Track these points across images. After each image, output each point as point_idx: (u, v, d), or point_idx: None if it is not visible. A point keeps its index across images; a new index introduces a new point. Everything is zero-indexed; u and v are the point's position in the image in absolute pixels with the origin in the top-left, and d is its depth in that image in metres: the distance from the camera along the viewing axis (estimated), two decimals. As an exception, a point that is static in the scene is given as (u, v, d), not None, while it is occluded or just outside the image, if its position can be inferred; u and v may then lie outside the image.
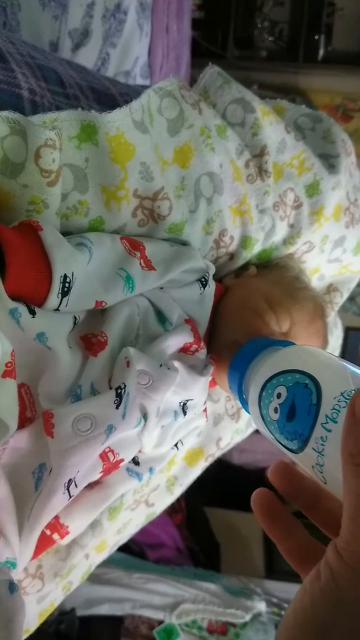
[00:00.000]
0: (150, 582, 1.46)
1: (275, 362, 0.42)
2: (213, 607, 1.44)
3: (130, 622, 1.43)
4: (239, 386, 0.50)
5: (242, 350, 0.51)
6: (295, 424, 0.37)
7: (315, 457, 0.35)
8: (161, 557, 1.65)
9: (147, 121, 0.54)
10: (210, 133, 0.59)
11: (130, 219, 0.55)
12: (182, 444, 0.64)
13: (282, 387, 0.39)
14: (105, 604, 1.39)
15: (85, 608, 1.37)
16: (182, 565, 1.65)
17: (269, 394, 0.40)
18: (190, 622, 1.43)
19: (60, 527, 0.53)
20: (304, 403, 0.37)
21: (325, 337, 0.67)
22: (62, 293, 0.46)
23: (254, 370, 0.47)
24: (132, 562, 1.54)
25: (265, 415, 0.41)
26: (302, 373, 0.38)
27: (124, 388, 0.49)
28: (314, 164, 0.68)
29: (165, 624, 1.41)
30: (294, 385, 0.38)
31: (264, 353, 0.48)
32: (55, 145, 0.46)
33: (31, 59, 0.54)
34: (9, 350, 0.43)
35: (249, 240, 0.66)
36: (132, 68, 1.28)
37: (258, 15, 2.22)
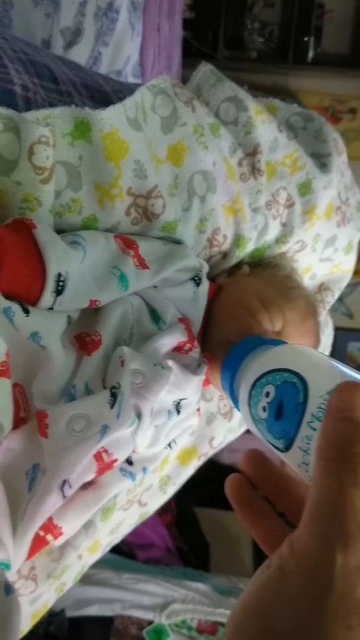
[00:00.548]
0: (139, 582, 1.46)
1: (265, 361, 0.42)
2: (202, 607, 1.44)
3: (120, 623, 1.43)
4: (231, 385, 0.50)
5: (234, 349, 0.51)
6: (283, 422, 0.37)
7: (301, 456, 0.35)
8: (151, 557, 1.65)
9: (141, 119, 0.53)
10: (204, 131, 0.59)
11: (124, 217, 0.55)
12: (176, 444, 0.64)
13: (271, 385, 0.39)
14: (95, 605, 1.39)
15: (75, 609, 1.37)
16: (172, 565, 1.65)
17: (258, 392, 0.40)
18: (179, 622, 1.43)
19: (54, 528, 0.52)
20: (291, 402, 0.37)
21: (318, 336, 0.67)
22: (56, 292, 0.46)
23: (244, 369, 0.47)
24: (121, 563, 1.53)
25: (254, 414, 0.41)
26: (291, 372, 0.38)
27: (119, 388, 0.48)
28: (306, 163, 0.68)
29: (154, 624, 1.40)
30: (282, 384, 0.38)
31: (255, 352, 0.48)
32: (49, 142, 0.46)
33: (24, 55, 0.53)
34: (3, 350, 0.42)
35: (242, 239, 0.66)
36: (124, 67, 1.27)
37: (248, 16, 2.23)
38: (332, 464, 0.28)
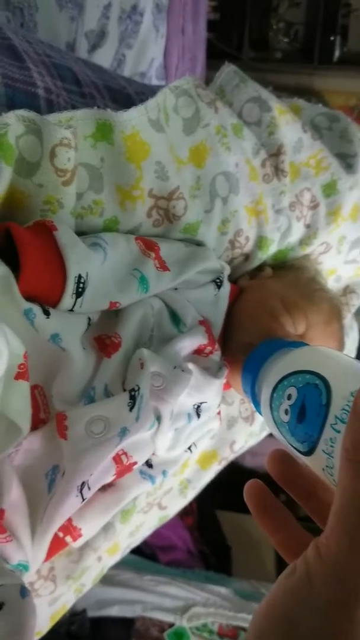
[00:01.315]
0: (161, 584, 1.45)
1: (287, 363, 0.42)
2: (224, 611, 1.43)
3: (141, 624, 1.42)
4: (252, 388, 0.49)
5: (255, 352, 0.50)
6: (305, 425, 0.36)
7: (325, 460, 0.34)
8: (172, 560, 1.65)
9: (163, 120, 0.53)
10: (226, 132, 0.58)
11: (145, 219, 0.55)
12: (196, 447, 0.63)
13: (293, 388, 0.38)
14: (116, 606, 1.39)
15: (96, 609, 1.37)
16: (193, 568, 1.64)
17: (280, 395, 0.39)
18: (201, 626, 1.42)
19: (73, 530, 0.52)
20: (314, 404, 0.36)
21: (342, 340, 0.66)
22: (76, 293, 0.46)
23: (266, 372, 0.46)
24: (143, 564, 1.53)
25: (276, 417, 0.40)
26: (313, 374, 0.37)
27: (138, 390, 0.48)
28: (331, 163, 0.67)
29: (175, 626, 1.39)
30: (304, 386, 0.37)
31: (277, 355, 0.47)
32: (71, 144, 0.46)
33: (47, 58, 0.54)
34: (21, 352, 0.42)
35: (265, 241, 0.65)
36: (148, 69, 1.28)
37: (273, 16, 2.21)
38: (359, 466, 0.27)
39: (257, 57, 2.21)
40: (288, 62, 2.25)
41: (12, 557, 0.45)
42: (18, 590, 0.38)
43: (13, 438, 0.42)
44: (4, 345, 0.30)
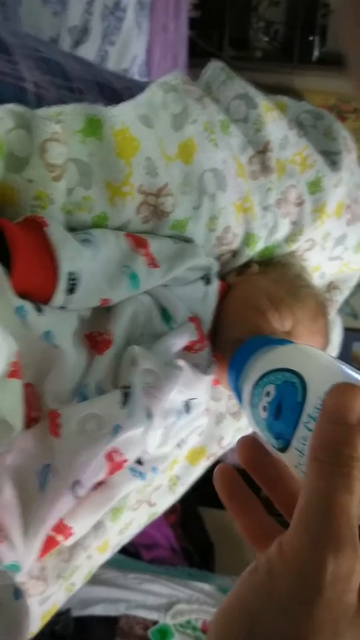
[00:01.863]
0: (144, 582, 1.45)
1: (268, 361, 0.42)
2: (207, 607, 1.43)
3: (125, 623, 1.42)
4: (236, 385, 0.49)
5: (240, 349, 0.50)
6: (281, 422, 0.36)
7: (297, 457, 0.35)
8: (155, 557, 1.65)
9: (152, 116, 0.53)
10: (214, 129, 0.59)
11: (134, 216, 0.55)
12: (185, 443, 0.63)
13: (272, 385, 0.39)
14: (100, 605, 1.38)
15: (80, 608, 1.36)
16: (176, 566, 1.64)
17: (260, 392, 0.40)
18: (184, 623, 1.42)
19: (64, 529, 0.52)
20: (290, 402, 0.36)
21: (328, 335, 0.67)
22: (68, 290, 0.46)
23: (248, 369, 0.46)
24: (126, 563, 1.53)
25: (255, 414, 0.40)
26: (292, 372, 0.38)
27: (130, 387, 0.48)
28: (316, 160, 0.68)
29: (159, 624, 1.40)
30: (282, 384, 0.38)
31: (260, 351, 0.47)
32: (61, 139, 0.45)
33: (35, 52, 0.53)
34: (13, 350, 0.42)
35: (252, 238, 0.65)
36: (130, 66, 1.27)
37: (253, 15, 2.22)
38: (324, 466, 0.27)
39: (238, 55, 2.22)
40: (268, 61, 2.27)
41: (3, 557, 0.44)
42: (12, 591, 0.38)
43: (5, 437, 0.42)
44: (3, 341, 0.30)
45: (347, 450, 0.27)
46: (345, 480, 0.27)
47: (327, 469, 0.27)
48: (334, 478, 0.27)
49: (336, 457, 0.27)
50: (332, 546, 0.26)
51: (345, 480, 0.27)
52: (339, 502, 0.27)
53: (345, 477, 0.27)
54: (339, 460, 0.27)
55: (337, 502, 0.27)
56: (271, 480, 0.37)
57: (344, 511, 0.26)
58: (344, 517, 0.26)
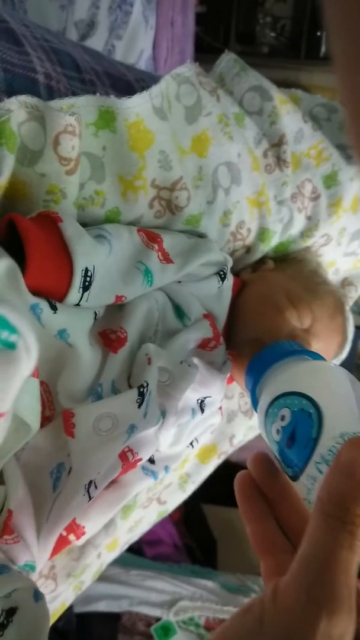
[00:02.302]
0: (147, 579, 1.45)
1: (287, 380, 0.41)
2: (210, 604, 1.43)
3: (128, 619, 1.42)
4: (253, 390, 0.48)
5: (262, 353, 0.49)
6: (293, 453, 0.36)
7: (305, 492, 0.34)
8: (158, 554, 1.64)
9: (166, 108, 0.52)
10: (229, 121, 0.57)
11: (147, 210, 0.54)
12: (197, 442, 0.62)
13: (287, 410, 0.38)
14: (103, 601, 1.38)
15: (83, 605, 1.36)
16: (180, 562, 1.64)
17: (275, 412, 0.39)
18: (187, 619, 1.42)
19: (77, 528, 0.51)
20: (304, 435, 0.35)
21: (346, 333, 0.66)
22: (83, 287, 0.44)
23: (268, 379, 0.45)
24: (129, 559, 1.53)
25: (268, 432, 0.40)
26: (309, 400, 0.37)
27: (147, 386, 0.47)
28: (332, 154, 0.66)
29: (162, 621, 1.39)
30: (298, 411, 0.37)
31: (282, 362, 0.46)
32: (75, 132, 0.44)
33: (46, 43, 0.52)
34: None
35: (267, 233, 0.64)
36: (137, 61, 1.26)
37: (260, 10, 2.20)
38: (331, 520, 0.27)
39: (244, 51, 2.20)
40: (275, 56, 2.25)
41: (18, 557, 0.43)
42: (31, 594, 0.37)
43: (23, 437, 0.41)
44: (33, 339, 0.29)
45: (355, 508, 0.27)
46: (349, 538, 0.26)
47: (332, 524, 0.27)
48: (338, 534, 0.27)
49: (343, 514, 0.27)
50: (327, 605, 0.25)
51: (349, 538, 0.26)
52: (341, 560, 0.26)
53: (349, 535, 0.26)
54: (345, 517, 0.27)
55: (339, 559, 0.26)
56: (279, 498, 0.37)
57: (344, 570, 0.26)
58: (343, 575, 0.26)
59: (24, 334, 0.29)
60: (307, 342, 0.57)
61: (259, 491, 0.37)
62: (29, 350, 0.30)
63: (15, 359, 0.30)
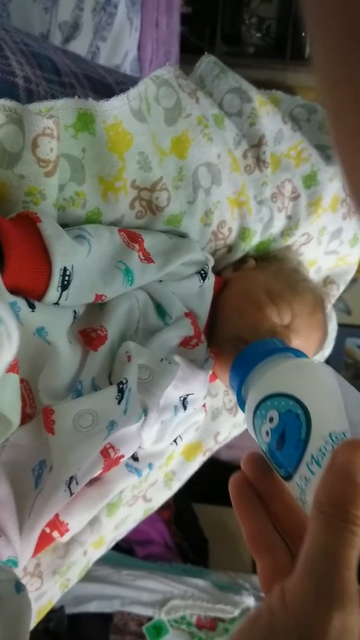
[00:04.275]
0: (139, 578, 1.46)
1: (272, 381, 0.41)
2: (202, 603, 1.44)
3: (120, 619, 1.42)
4: (239, 389, 0.49)
5: (246, 351, 0.49)
6: (284, 454, 0.37)
7: (299, 492, 0.35)
8: (150, 554, 1.65)
9: (145, 110, 0.53)
10: (208, 123, 0.58)
11: (128, 211, 0.54)
12: (181, 439, 0.63)
13: (275, 411, 0.38)
14: (94, 601, 1.39)
15: (74, 605, 1.36)
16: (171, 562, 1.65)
17: (263, 414, 0.39)
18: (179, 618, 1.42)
19: (60, 525, 0.52)
20: (293, 436, 0.36)
21: (326, 329, 0.67)
22: (62, 286, 0.45)
23: (253, 380, 0.45)
24: (120, 559, 1.53)
25: (257, 433, 0.40)
26: (297, 401, 0.37)
27: (126, 383, 0.48)
28: (311, 154, 0.68)
29: (154, 620, 1.40)
30: (286, 413, 0.37)
31: (268, 361, 0.46)
32: (53, 134, 0.45)
33: (25, 47, 0.52)
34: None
35: (248, 232, 0.65)
36: (122, 62, 1.26)
37: (246, 11, 2.21)
38: (331, 521, 0.28)
39: (230, 51, 2.21)
40: (260, 57, 2.26)
41: (1, 553, 0.44)
42: (13, 585, 0.38)
43: (3, 432, 0.42)
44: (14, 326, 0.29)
45: (354, 509, 0.28)
46: (351, 536, 0.27)
47: (333, 525, 0.28)
48: (340, 533, 0.28)
49: (343, 515, 0.28)
50: (337, 601, 0.26)
51: (351, 536, 0.27)
52: (345, 557, 0.27)
53: (351, 534, 0.27)
54: (346, 517, 0.28)
55: (344, 557, 0.27)
56: (271, 495, 0.38)
57: (349, 566, 0.27)
58: (349, 571, 0.27)
59: (5, 321, 0.30)
60: (287, 338, 0.58)
61: (253, 491, 0.38)
62: (10, 337, 0.30)
63: None
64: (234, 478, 0.38)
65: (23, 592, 0.38)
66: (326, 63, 0.19)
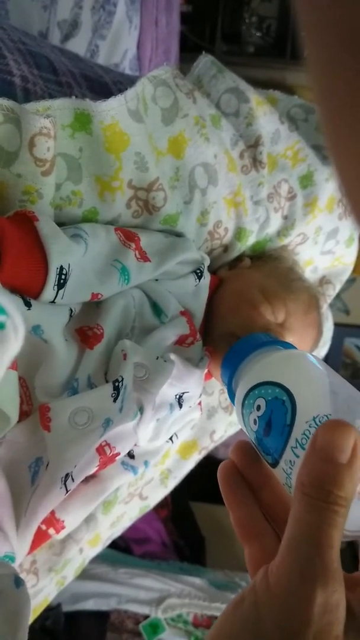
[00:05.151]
0: (135, 577, 1.46)
1: (259, 371, 0.42)
2: (198, 601, 1.44)
3: (116, 617, 1.43)
4: (229, 383, 0.49)
5: (235, 346, 0.50)
6: (270, 441, 0.37)
7: (285, 477, 0.36)
8: (147, 552, 1.65)
9: (142, 110, 0.53)
10: (205, 123, 0.59)
11: (125, 210, 0.55)
12: (177, 437, 0.64)
13: (262, 399, 0.39)
14: (91, 600, 1.39)
15: (71, 603, 1.37)
16: (168, 560, 1.65)
17: (251, 403, 0.40)
18: (176, 617, 1.43)
19: (56, 522, 0.52)
20: (279, 422, 0.36)
21: (320, 328, 0.67)
22: (58, 285, 0.46)
23: (243, 371, 0.46)
24: (117, 557, 1.53)
25: (246, 423, 0.41)
26: (282, 388, 0.38)
27: (122, 381, 0.48)
28: (308, 155, 0.68)
29: (151, 618, 1.40)
30: (272, 400, 0.38)
31: (255, 354, 0.47)
32: (50, 134, 0.45)
33: (23, 46, 0.53)
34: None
35: (244, 232, 0.65)
36: (121, 61, 1.27)
37: (246, 10, 2.21)
38: (313, 502, 0.28)
39: (230, 50, 2.21)
40: (260, 56, 2.26)
41: (-2, 549, 0.44)
42: (12, 580, 0.38)
43: (1, 428, 0.42)
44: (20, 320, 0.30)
45: (335, 489, 0.28)
46: (333, 516, 0.28)
47: (316, 505, 0.28)
48: (322, 514, 0.28)
49: (325, 495, 0.28)
50: (321, 579, 0.27)
51: (333, 516, 0.28)
52: (328, 537, 0.27)
53: (333, 514, 0.28)
54: (328, 498, 0.28)
55: (326, 536, 0.27)
56: (259, 483, 0.38)
57: (332, 545, 0.27)
58: (332, 550, 0.27)
59: (11, 314, 0.30)
60: (282, 336, 0.58)
61: (241, 479, 0.38)
62: (16, 330, 0.31)
63: (4, 338, 0.31)
64: (223, 466, 0.39)
65: (22, 587, 0.39)
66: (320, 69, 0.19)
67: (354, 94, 0.18)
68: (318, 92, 0.20)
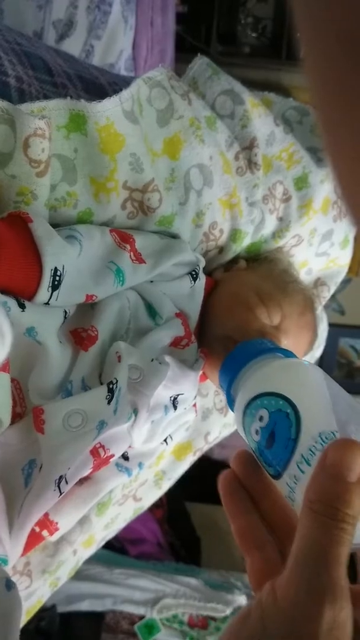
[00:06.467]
0: (131, 577, 1.46)
1: (262, 380, 0.42)
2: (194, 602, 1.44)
3: (111, 618, 1.43)
4: (228, 389, 0.49)
5: (235, 351, 0.49)
6: (273, 453, 0.37)
7: (288, 490, 0.36)
8: (142, 553, 1.65)
9: (137, 111, 0.53)
10: (200, 124, 0.59)
11: (120, 211, 0.55)
12: (172, 439, 0.63)
13: (265, 410, 0.39)
14: (86, 600, 1.39)
15: (66, 604, 1.36)
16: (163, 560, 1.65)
17: (253, 413, 0.40)
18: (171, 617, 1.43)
19: (50, 524, 0.52)
20: (283, 435, 0.36)
21: (315, 330, 0.67)
22: (52, 287, 0.45)
23: (242, 379, 0.46)
24: (112, 558, 1.53)
25: (247, 432, 0.41)
26: (287, 400, 0.38)
27: (116, 383, 0.48)
28: (303, 157, 0.68)
29: (146, 619, 1.40)
30: (276, 412, 0.38)
31: (256, 361, 0.46)
32: (45, 135, 0.45)
33: (18, 46, 0.52)
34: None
35: (239, 234, 0.65)
36: (117, 61, 1.26)
37: (242, 10, 2.21)
38: (322, 518, 0.29)
39: (225, 51, 2.21)
40: (256, 57, 2.26)
41: (-10, 552, 0.44)
42: (3, 583, 0.38)
43: (-7, 432, 0.42)
44: (7, 326, 0.30)
45: (344, 507, 0.28)
46: (340, 533, 0.28)
47: (324, 522, 0.29)
48: (331, 531, 0.28)
49: (334, 513, 0.28)
50: (329, 595, 0.27)
51: (340, 533, 0.28)
52: (336, 554, 0.28)
53: (341, 531, 0.28)
54: (336, 515, 0.28)
55: (334, 553, 0.28)
56: (260, 493, 0.38)
57: (340, 562, 0.28)
58: (340, 567, 0.27)
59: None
60: (277, 338, 0.58)
61: (242, 488, 0.38)
62: (3, 336, 0.31)
63: None
64: (224, 475, 0.39)
65: (13, 589, 0.38)
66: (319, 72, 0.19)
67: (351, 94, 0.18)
68: (315, 93, 0.20)
